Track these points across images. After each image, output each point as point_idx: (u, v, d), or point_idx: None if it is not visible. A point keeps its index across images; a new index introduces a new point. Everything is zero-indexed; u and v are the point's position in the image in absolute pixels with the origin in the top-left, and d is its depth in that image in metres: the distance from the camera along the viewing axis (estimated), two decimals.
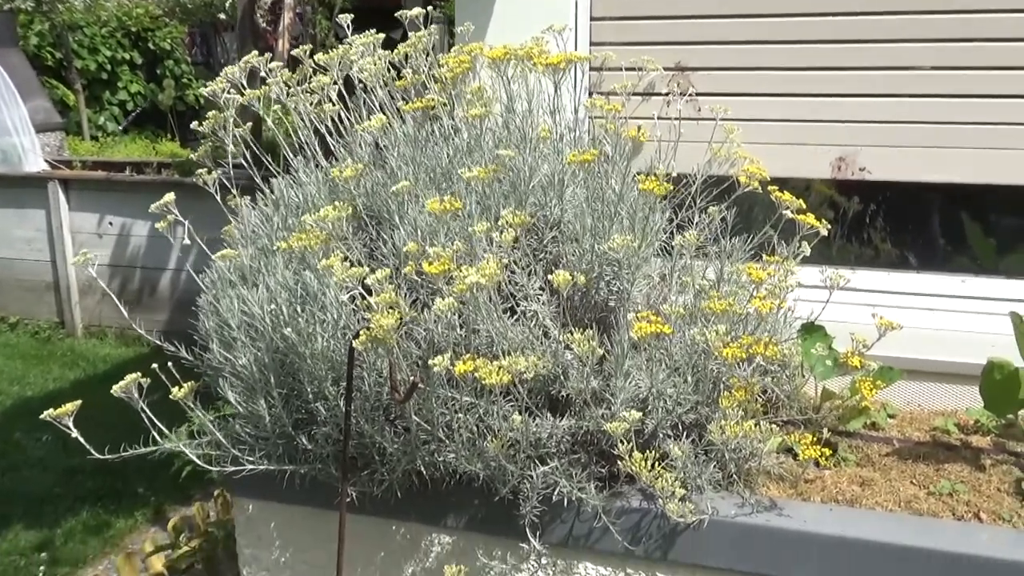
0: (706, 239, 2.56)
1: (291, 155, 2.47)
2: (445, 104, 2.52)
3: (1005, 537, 2.02)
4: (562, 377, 2.01)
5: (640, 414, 1.73)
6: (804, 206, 2.37)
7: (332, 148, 2.57)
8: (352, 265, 1.92)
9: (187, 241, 2.45)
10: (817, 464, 2.41)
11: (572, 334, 1.87)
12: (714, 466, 2.14)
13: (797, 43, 2.87)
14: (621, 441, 1.72)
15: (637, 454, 1.72)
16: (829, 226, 2.37)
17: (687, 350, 2.08)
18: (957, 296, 2.91)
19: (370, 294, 1.88)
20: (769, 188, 2.41)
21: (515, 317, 2.03)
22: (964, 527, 2.06)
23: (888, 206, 3.10)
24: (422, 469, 2.01)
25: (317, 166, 2.52)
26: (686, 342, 2.07)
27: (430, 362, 1.72)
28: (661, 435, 2.09)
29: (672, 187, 2.10)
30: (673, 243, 2.45)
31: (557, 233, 2.41)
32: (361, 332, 1.78)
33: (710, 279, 2.54)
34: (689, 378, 2.11)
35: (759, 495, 2.19)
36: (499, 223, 1.87)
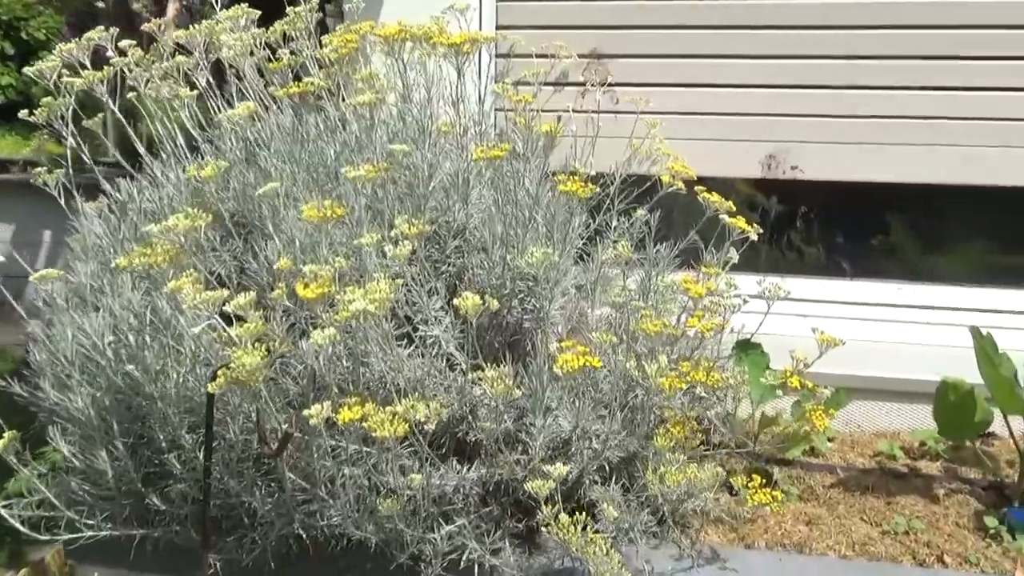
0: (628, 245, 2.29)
1: (144, 150, 2.07)
2: (332, 93, 2.16)
3: None
4: (470, 417, 1.68)
5: (566, 468, 1.42)
6: (734, 208, 2.10)
7: (199, 143, 2.18)
8: (213, 286, 1.56)
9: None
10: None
11: (481, 368, 1.55)
12: (647, 512, 1.84)
13: (726, 28, 2.61)
14: (544, 502, 1.40)
15: (564, 518, 1.40)
16: (760, 230, 2.11)
17: (617, 380, 1.77)
18: (893, 305, 2.70)
19: (236, 322, 1.51)
20: (696, 188, 2.13)
21: (413, 346, 1.69)
22: None
23: (819, 209, 2.87)
24: (301, 532, 1.66)
25: (180, 165, 2.13)
26: (616, 372, 1.77)
27: (304, 412, 1.36)
28: (587, 481, 1.78)
29: (597, 189, 1.79)
30: (592, 251, 2.16)
31: (462, 242, 2.08)
32: (219, 372, 1.42)
33: (632, 289, 2.26)
34: (618, 413, 1.80)
35: (697, 542, 1.91)
36: (392, 233, 1.53)
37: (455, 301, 1.43)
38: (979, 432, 2.19)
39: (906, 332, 2.62)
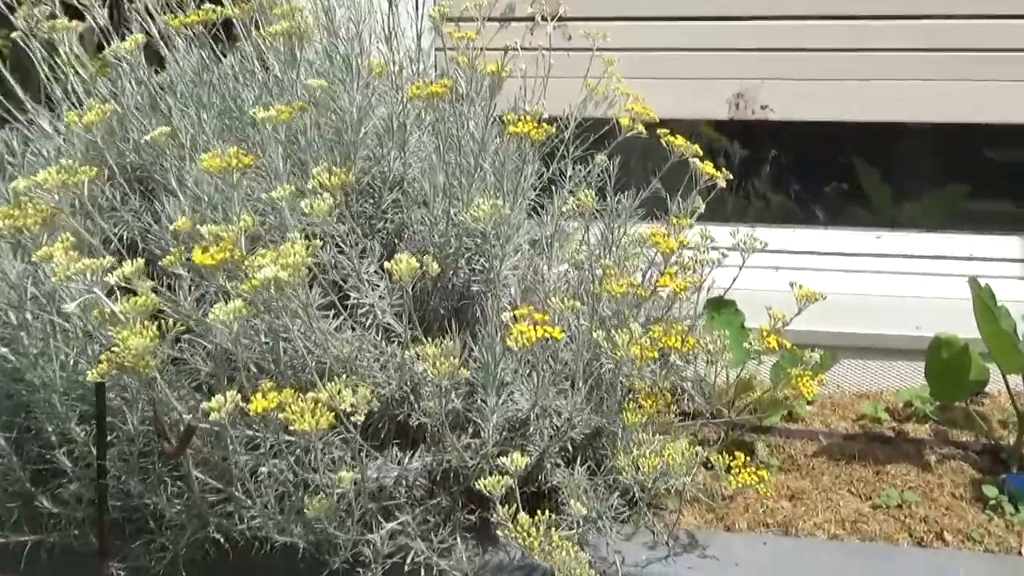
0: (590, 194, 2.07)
1: (28, 97, 1.79)
2: (248, 32, 1.89)
3: (984, 568, 1.60)
4: (412, 398, 1.45)
5: (524, 460, 1.20)
6: (700, 153, 1.89)
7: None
8: (107, 253, 1.31)
9: None
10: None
11: (422, 341, 1.32)
12: (616, 496, 1.63)
13: None
14: (500, 502, 1.18)
15: (523, 519, 1.18)
16: (730, 176, 1.89)
17: (581, 349, 1.55)
18: (871, 255, 2.51)
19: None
20: (659, 132, 1.90)
21: (341, 318, 1.45)
22: (931, 558, 1.63)
23: (791, 153, 2.67)
24: (218, 536, 1.42)
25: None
26: (579, 339, 1.54)
27: (203, 406, 1.12)
28: (549, 465, 1.57)
29: (553, 130, 1.55)
30: (547, 203, 1.94)
31: (400, 195, 1.84)
32: (102, 357, 1.17)
33: (592, 244, 2.04)
34: (581, 385, 1.58)
35: (673, 527, 1.71)
36: (312, 184, 1.28)
37: (387, 265, 1.19)
38: (974, 392, 2.02)
39: (886, 284, 2.44)
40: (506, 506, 1.18)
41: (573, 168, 2.06)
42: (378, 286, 1.54)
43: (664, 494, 1.78)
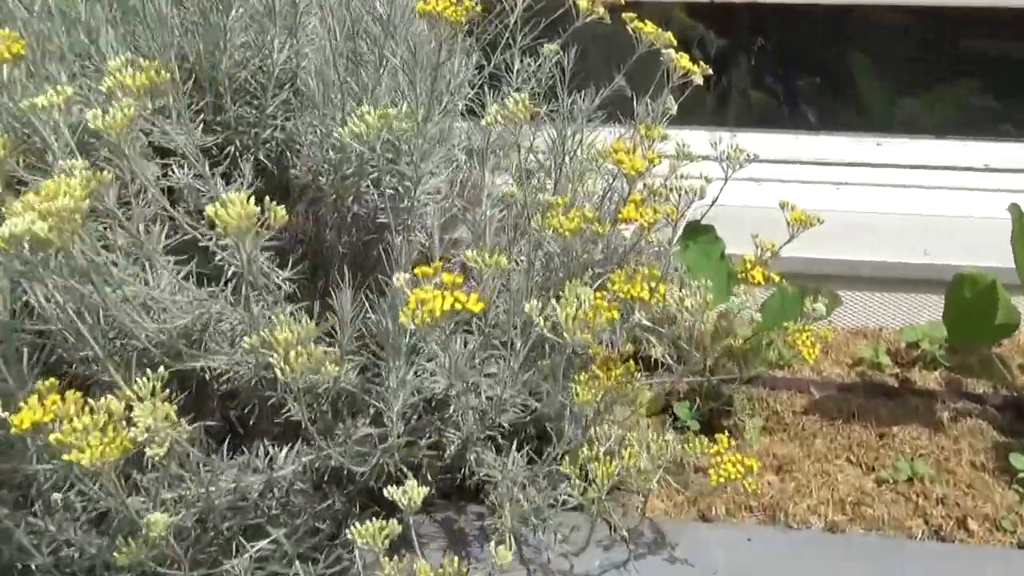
0: (535, 94, 1.67)
1: None
2: None
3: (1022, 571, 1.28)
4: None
5: (422, 493, 0.83)
6: (674, 42, 1.50)
7: None
8: None
9: None
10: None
11: (297, 298, 0.94)
12: (564, 484, 1.29)
13: None
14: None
15: (368, 527, 0.83)
16: (708, 71, 1.51)
17: (515, 305, 1.18)
18: (870, 164, 2.14)
19: None
20: (624, 16, 1.51)
21: (184, 271, 1.06)
22: (956, 556, 1.31)
23: (778, 43, 2.26)
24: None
25: None
26: (515, 291, 1.17)
27: None
28: (474, 454, 1.21)
29: (478, 9, 1.14)
30: (485, 106, 1.54)
31: (291, 96, 1.43)
32: None
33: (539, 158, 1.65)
34: (519, 343, 1.21)
35: (634, 515, 1.37)
36: (106, 85, 0.87)
37: (208, 210, 0.79)
38: (1000, 338, 1.68)
39: (888, 200, 2.07)
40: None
41: (521, 61, 1.66)
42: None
43: (624, 475, 1.44)
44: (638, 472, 1.06)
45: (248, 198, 0.77)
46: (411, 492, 0.82)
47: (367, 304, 1.13)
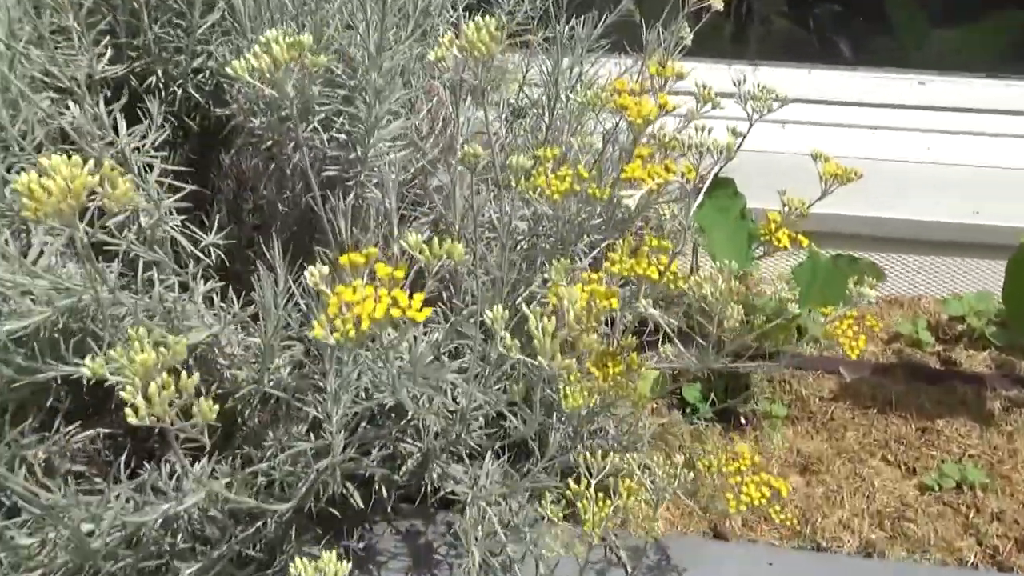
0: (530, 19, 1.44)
1: None
2: None
3: None
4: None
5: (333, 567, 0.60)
6: None
7: None
8: None
9: None
10: (735, 423, 1.40)
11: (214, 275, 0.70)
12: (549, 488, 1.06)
13: None
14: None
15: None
16: None
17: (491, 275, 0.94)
18: (910, 107, 1.87)
19: None
20: None
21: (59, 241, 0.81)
22: None
23: None
24: None
25: None
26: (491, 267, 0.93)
27: None
28: (438, 468, 0.98)
29: None
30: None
31: (227, 15, 1.17)
32: None
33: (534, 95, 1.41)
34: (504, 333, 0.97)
35: (628, 530, 1.15)
36: None
37: (15, 182, 0.54)
38: None
39: (930, 148, 1.81)
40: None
41: None
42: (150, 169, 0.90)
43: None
44: (640, 509, 0.83)
45: (83, 166, 0.53)
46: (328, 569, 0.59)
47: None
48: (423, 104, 1.23)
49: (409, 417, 0.93)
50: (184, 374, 0.56)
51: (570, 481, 0.80)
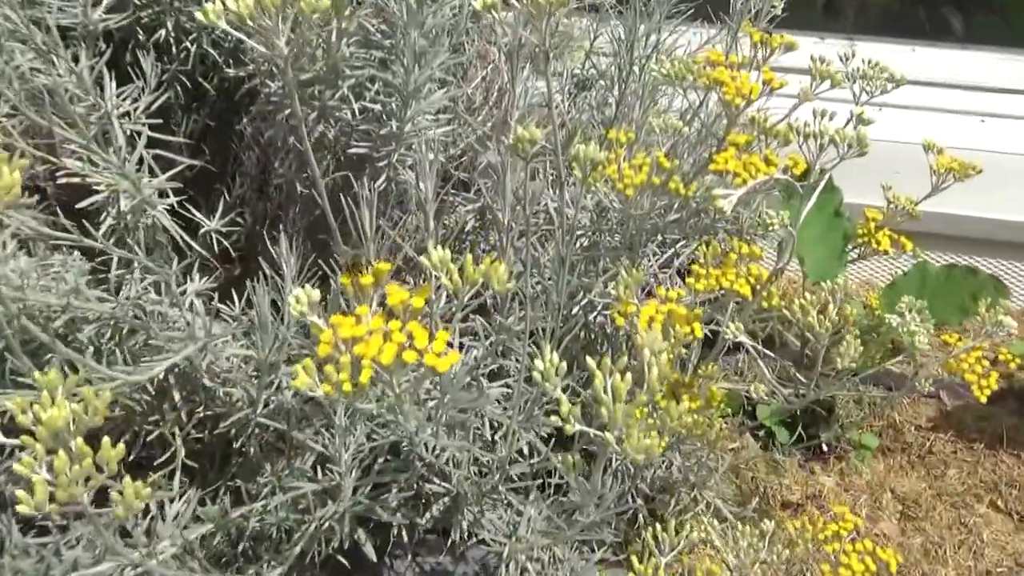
0: None
1: None
2: None
3: None
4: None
5: None
6: None
7: None
8: None
9: None
10: (817, 451, 1.22)
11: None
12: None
13: None
14: None
15: None
16: None
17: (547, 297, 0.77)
18: None
19: None
20: None
21: None
22: None
23: None
24: None
25: None
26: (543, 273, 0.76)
27: None
28: (470, 516, 0.82)
29: None
30: None
31: None
32: None
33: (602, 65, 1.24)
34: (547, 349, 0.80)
35: None
36: None
37: None
38: None
39: None
40: None
41: None
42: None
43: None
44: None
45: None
46: None
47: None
48: (475, 71, 1.06)
49: (433, 452, 0.77)
50: (107, 441, 0.40)
51: (633, 560, 0.62)
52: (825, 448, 1.24)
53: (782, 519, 1.10)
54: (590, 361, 0.47)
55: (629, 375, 0.45)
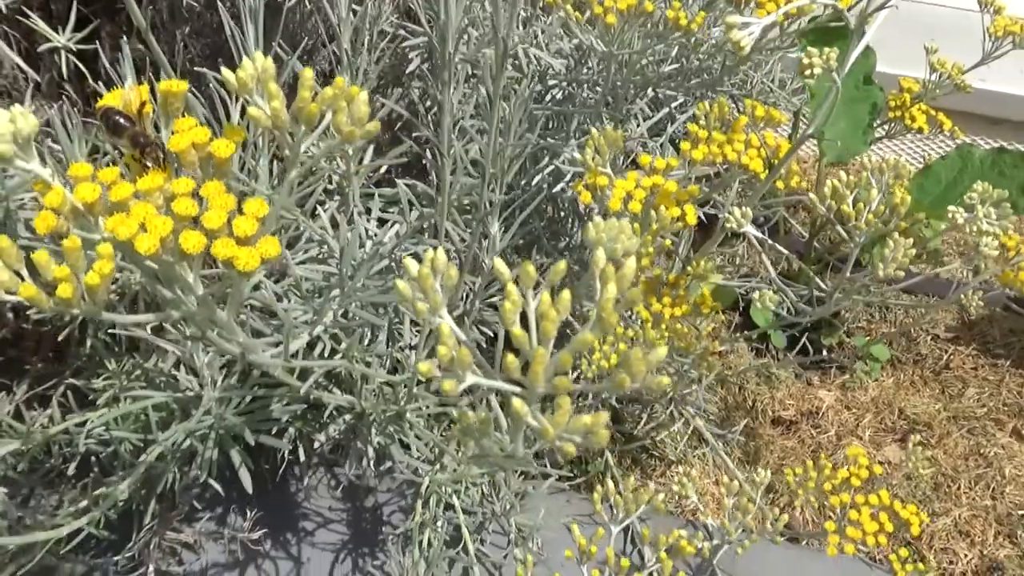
0: None
1: None
2: None
3: None
4: None
5: None
6: None
7: None
8: None
9: None
10: (819, 359, 1.05)
11: None
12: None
13: None
14: None
15: None
16: None
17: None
18: None
19: None
20: None
21: None
22: None
23: None
24: None
25: None
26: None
27: None
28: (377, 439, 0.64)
29: None
30: None
31: None
32: None
33: None
34: (494, 227, 0.61)
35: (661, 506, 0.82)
36: None
37: None
38: None
39: None
40: None
41: None
42: None
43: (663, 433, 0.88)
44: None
45: None
46: None
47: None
48: None
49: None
50: None
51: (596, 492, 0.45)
52: (826, 355, 1.07)
53: (772, 440, 0.94)
54: (498, 263, 0.28)
55: (568, 294, 0.26)
